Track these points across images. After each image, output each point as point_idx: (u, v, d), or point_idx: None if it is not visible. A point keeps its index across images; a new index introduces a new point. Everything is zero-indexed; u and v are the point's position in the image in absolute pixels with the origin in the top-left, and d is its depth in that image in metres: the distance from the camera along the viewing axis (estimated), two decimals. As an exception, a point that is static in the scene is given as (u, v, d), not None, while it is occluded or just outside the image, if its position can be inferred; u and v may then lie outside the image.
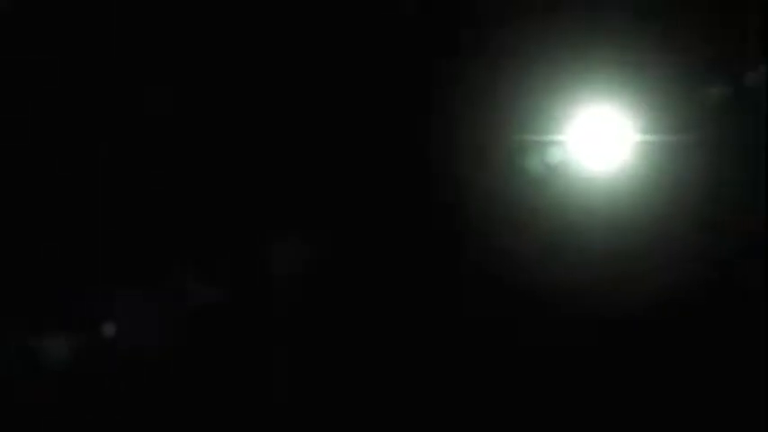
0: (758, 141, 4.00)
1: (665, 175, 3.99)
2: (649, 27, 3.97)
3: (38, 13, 4.03)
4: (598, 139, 3.98)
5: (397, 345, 4.01)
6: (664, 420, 3.98)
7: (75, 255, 3.98)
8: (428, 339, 4.01)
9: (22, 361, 3.87)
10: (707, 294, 4.00)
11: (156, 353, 3.92)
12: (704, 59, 3.96)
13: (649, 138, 3.96)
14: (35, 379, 3.87)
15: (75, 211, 4.00)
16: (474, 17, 4.03)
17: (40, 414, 3.87)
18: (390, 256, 4.03)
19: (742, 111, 3.98)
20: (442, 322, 4.02)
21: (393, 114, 4.04)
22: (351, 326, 4.02)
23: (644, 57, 3.96)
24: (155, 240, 4.01)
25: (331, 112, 4.06)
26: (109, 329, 3.93)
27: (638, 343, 4.00)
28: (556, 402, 4.00)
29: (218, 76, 4.07)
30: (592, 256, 3.99)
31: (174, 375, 3.94)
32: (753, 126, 4.00)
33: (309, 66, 4.07)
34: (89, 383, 3.91)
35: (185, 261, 3.99)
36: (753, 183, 4.00)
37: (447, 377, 4.00)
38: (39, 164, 4.02)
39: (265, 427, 3.97)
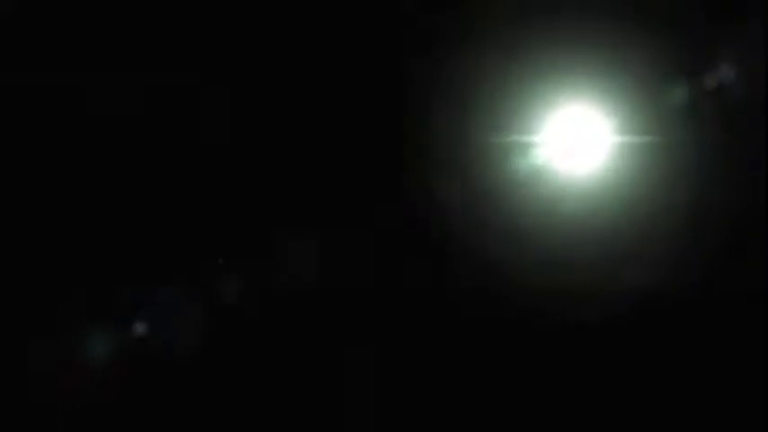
0: (747, 141, 3.95)
1: (642, 176, 3.96)
2: (626, 29, 3.93)
3: (38, 13, 4.12)
4: (575, 139, 3.97)
5: (385, 343, 4.06)
6: (658, 421, 3.97)
7: (102, 255, 4.08)
8: (413, 339, 4.05)
9: (55, 358, 3.97)
10: (689, 296, 3.97)
11: (181, 350, 4.00)
12: (679, 61, 3.92)
13: (626, 139, 3.94)
14: (67, 376, 3.98)
15: (103, 214, 4.09)
16: (451, 20, 4.03)
17: (71, 409, 4.00)
18: (372, 258, 4.07)
19: (722, 111, 3.93)
20: (426, 322, 4.04)
21: (372, 115, 4.07)
22: (351, 325, 4.07)
23: (621, 58, 3.93)
24: (178, 240, 4.09)
25: (314, 113, 4.10)
26: (136, 328, 4.01)
27: (623, 343, 3.99)
28: (541, 403, 4.01)
29: (216, 80, 4.13)
30: (573, 257, 3.98)
31: (197, 373, 4.02)
32: (738, 126, 3.95)
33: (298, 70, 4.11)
34: (117, 381, 4.01)
35: (207, 260, 4.06)
36: (741, 183, 3.96)
37: (433, 378, 4.03)
38: (61, 170, 4.12)
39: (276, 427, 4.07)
